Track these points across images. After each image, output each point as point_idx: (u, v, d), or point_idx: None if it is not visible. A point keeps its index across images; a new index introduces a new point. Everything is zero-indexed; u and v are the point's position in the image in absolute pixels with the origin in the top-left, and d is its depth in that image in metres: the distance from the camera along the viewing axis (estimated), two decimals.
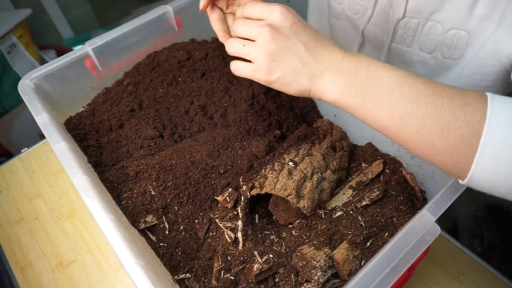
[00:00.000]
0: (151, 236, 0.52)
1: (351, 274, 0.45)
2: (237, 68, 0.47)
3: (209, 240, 0.52)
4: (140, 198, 0.53)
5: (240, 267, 0.49)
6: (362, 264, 0.45)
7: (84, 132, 0.62)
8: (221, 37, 0.53)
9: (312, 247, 0.48)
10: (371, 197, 0.51)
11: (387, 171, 0.56)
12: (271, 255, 0.49)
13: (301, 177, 0.50)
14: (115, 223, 0.43)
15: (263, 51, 0.44)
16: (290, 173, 0.51)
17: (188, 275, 0.50)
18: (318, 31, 0.46)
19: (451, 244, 0.62)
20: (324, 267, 0.45)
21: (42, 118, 0.54)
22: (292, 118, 0.65)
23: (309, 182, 0.51)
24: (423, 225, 0.41)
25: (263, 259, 0.49)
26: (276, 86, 0.46)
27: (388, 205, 0.51)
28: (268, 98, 0.63)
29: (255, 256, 0.49)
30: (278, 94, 0.66)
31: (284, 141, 0.59)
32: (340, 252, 0.46)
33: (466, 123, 0.36)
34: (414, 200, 0.54)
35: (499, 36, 0.55)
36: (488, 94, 0.37)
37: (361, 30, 0.70)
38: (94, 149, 0.60)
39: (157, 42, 0.72)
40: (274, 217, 0.53)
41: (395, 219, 0.50)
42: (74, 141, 0.60)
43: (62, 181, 0.75)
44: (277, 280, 0.48)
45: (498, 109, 0.35)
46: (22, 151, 0.82)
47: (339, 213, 0.52)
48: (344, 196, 0.54)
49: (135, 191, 0.54)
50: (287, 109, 0.65)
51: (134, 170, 0.55)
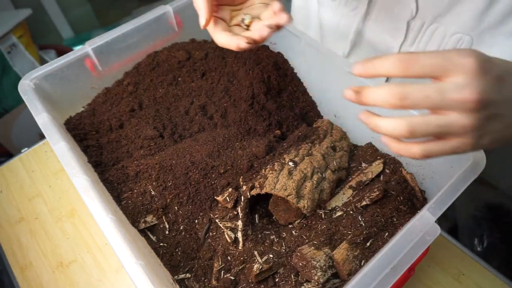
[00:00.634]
0: (151, 236, 0.52)
1: (351, 274, 0.45)
2: (425, 152, 0.34)
3: (209, 240, 0.52)
4: (140, 198, 0.53)
5: (240, 267, 0.49)
6: (362, 264, 0.46)
7: (84, 132, 0.62)
8: (236, 44, 0.46)
9: (312, 247, 0.48)
10: (371, 197, 0.51)
11: (387, 171, 0.56)
12: (271, 255, 0.49)
13: (301, 177, 0.50)
14: (115, 223, 0.43)
15: (468, 127, 0.32)
16: (290, 173, 0.51)
17: (188, 275, 0.50)
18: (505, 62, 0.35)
19: (451, 244, 0.62)
20: (324, 267, 0.45)
21: (42, 118, 0.54)
22: (292, 118, 0.65)
23: (309, 182, 0.51)
24: (423, 225, 0.41)
25: (263, 259, 0.49)
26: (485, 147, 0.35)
27: (388, 205, 0.51)
28: (268, 98, 0.64)
29: (255, 256, 0.49)
30: (278, 94, 0.66)
31: (284, 141, 0.59)
32: (340, 252, 0.46)
33: None
34: (414, 200, 0.54)
35: (507, 48, 0.54)
36: None
37: (354, 29, 0.68)
38: (94, 149, 0.60)
39: (157, 42, 0.72)
40: (274, 217, 0.53)
41: (395, 219, 0.50)
42: (74, 141, 0.60)
43: (62, 181, 0.75)
44: (277, 280, 0.48)
45: None
46: (22, 151, 0.82)
47: (339, 213, 0.52)
48: (344, 196, 0.54)
49: (135, 191, 0.54)
50: (287, 109, 0.65)
51: (134, 170, 0.55)
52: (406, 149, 0.35)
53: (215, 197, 0.53)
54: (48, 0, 1.93)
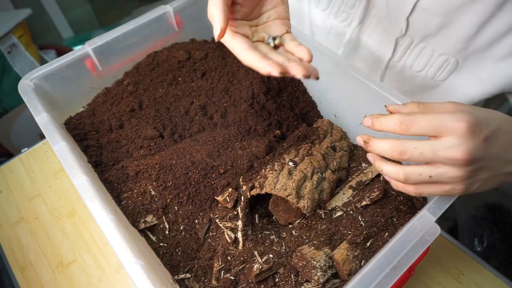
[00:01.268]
0: (151, 236, 0.52)
1: (351, 274, 0.45)
2: (423, 193, 0.40)
3: (209, 240, 0.52)
4: (140, 198, 0.53)
5: (240, 267, 0.49)
6: (362, 264, 0.45)
7: (84, 132, 0.62)
8: (267, 71, 0.40)
9: (312, 247, 0.48)
10: (371, 197, 0.51)
11: None
12: (271, 255, 0.49)
13: (301, 177, 0.50)
14: (115, 223, 0.43)
15: (457, 178, 0.38)
16: (290, 173, 0.51)
17: (188, 275, 0.50)
18: (493, 115, 0.40)
19: (451, 244, 0.62)
20: (324, 267, 0.45)
21: (42, 118, 0.54)
22: (292, 118, 0.65)
23: (309, 182, 0.51)
24: (423, 225, 0.41)
25: (263, 259, 0.49)
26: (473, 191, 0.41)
27: (388, 205, 0.51)
28: (268, 98, 0.63)
29: (255, 256, 0.49)
30: (278, 94, 0.66)
31: (284, 141, 0.59)
32: (340, 252, 0.46)
33: None
34: (414, 200, 0.54)
35: (496, 71, 0.56)
36: None
37: (347, 40, 0.69)
38: (94, 149, 0.60)
39: (157, 42, 0.72)
40: (274, 217, 0.53)
41: (395, 219, 0.50)
42: (74, 141, 0.60)
43: (62, 181, 0.75)
44: (277, 280, 0.48)
45: None
46: (22, 151, 0.82)
47: (339, 213, 0.52)
48: (344, 196, 0.54)
49: (135, 191, 0.54)
50: (287, 109, 0.65)
51: (134, 170, 0.55)
52: (403, 187, 0.41)
53: (215, 197, 0.53)
54: (48, 0, 1.93)
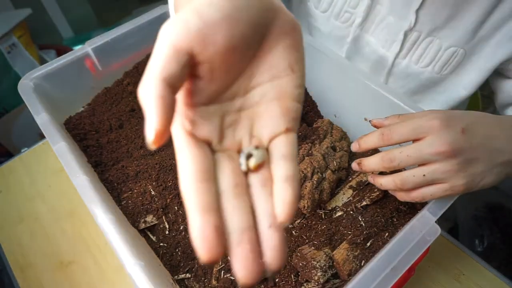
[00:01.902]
0: (151, 236, 0.52)
1: (351, 274, 0.45)
2: (425, 195, 0.42)
3: None
4: (140, 198, 0.53)
5: None
6: (362, 264, 0.45)
7: (84, 132, 0.62)
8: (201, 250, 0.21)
9: (312, 247, 0.48)
10: (371, 197, 0.51)
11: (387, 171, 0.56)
12: None
13: (301, 177, 0.50)
14: (115, 223, 0.43)
15: (449, 172, 0.39)
16: None
17: (188, 275, 0.50)
18: (471, 112, 0.42)
19: (451, 244, 0.62)
20: (324, 267, 0.45)
21: (42, 118, 0.54)
22: None
23: (309, 182, 0.51)
24: (423, 225, 0.41)
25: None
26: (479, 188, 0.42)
27: (388, 205, 0.51)
28: None
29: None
30: None
31: None
32: (340, 252, 0.46)
33: None
34: None
35: (494, 58, 0.58)
36: None
37: (349, 40, 0.67)
38: (94, 149, 0.60)
39: None
40: None
41: (395, 219, 0.50)
42: (74, 141, 0.60)
43: (62, 181, 0.75)
44: (277, 280, 0.48)
45: None
46: (22, 151, 0.81)
47: (339, 213, 0.52)
48: (344, 196, 0.54)
49: (135, 191, 0.54)
50: None
51: (134, 170, 0.55)
52: (406, 196, 0.43)
53: None
54: (48, 0, 1.93)
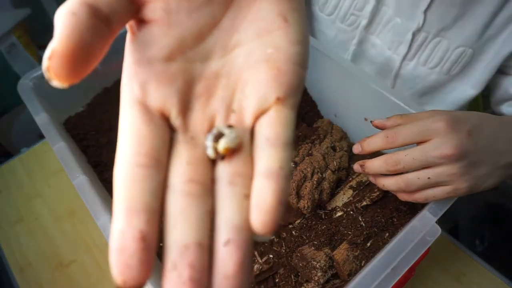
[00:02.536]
0: None
1: (351, 274, 0.45)
2: (429, 197, 0.42)
3: None
4: None
5: None
6: (362, 264, 0.45)
7: (83, 132, 0.62)
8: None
9: (312, 248, 0.47)
10: (371, 197, 0.51)
11: None
12: (271, 255, 0.49)
13: (301, 177, 0.50)
14: None
15: (454, 175, 0.39)
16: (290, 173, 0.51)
17: None
18: (475, 113, 0.41)
19: (451, 244, 0.62)
20: (324, 267, 0.45)
21: (42, 118, 0.54)
22: None
23: (309, 182, 0.51)
24: (424, 226, 0.41)
25: (263, 259, 0.49)
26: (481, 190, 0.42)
27: (388, 205, 0.51)
28: None
29: (255, 257, 0.49)
30: None
31: None
32: (340, 253, 0.46)
33: None
34: None
35: (498, 56, 0.57)
36: None
37: (354, 43, 0.67)
38: (94, 149, 0.60)
39: None
40: None
41: (395, 220, 0.50)
42: (74, 141, 0.60)
43: (61, 181, 0.75)
44: (277, 280, 0.48)
45: None
46: (22, 151, 0.81)
47: (339, 213, 0.52)
48: (344, 196, 0.54)
49: None
50: None
51: None
52: (409, 197, 0.43)
53: None
54: (48, 0, 1.93)
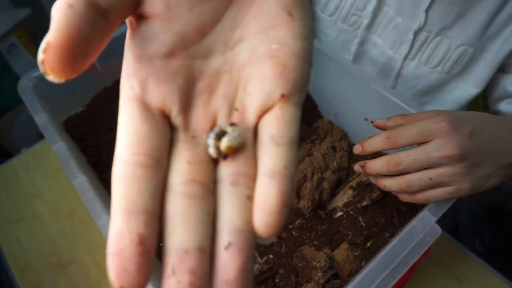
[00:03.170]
0: None
1: (352, 274, 0.44)
2: (430, 198, 0.42)
3: None
4: None
5: None
6: (362, 264, 0.45)
7: (83, 132, 0.62)
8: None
9: (312, 248, 0.47)
10: (371, 197, 0.51)
11: None
12: (271, 256, 0.49)
13: (301, 177, 0.50)
14: None
15: (456, 176, 0.39)
16: None
17: None
18: (474, 113, 0.42)
19: (452, 244, 0.62)
20: (325, 267, 0.45)
21: (41, 118, 0.54)
22: None
23: (309, 182, 0.51)
24: (424, 226, 0.41)
25: (263, 260, 0.48)
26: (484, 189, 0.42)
27: (388, 205, 0.51)
28: None
29: (255, 257, 0.49)
30: None
31: None
32: (341, 253, 0.45)
33: None
34: None
35: (500, 55, 0.57)
36: None
37: (356, 43, 0.66)
38: (94, 149, 0.60)
39: None
40: None
41: (395, 220, 0.50)
42: (74, 141, 0.60)
43: (61, 181, 0.75)
44: (277, 280, 0.48)
45: None
46: (22, 151, 0.81)
47: (339, 214, 0.52)
48: (345, 196, 0.54)
49: None
50: None
51: None
52: (410, 198, 0.43)
53: None
54: (48, 0, 1.93)
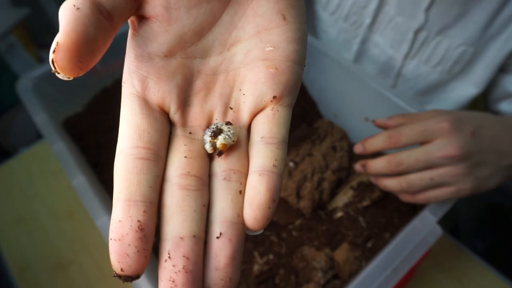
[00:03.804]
0: None
1: (352, 275, 0.44)
2: (431, 198, 0.42)
3: None
4: None
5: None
6: (363, 265, 0.45)
7: (82, 132, 0.62)
8: None
9: (313, 248, 0.47)
10: (372, 197, 0.51)
11: None
12: (271, 256, 0.49)
13: (301, 177, 0.50)
14: None
15: (458, 176, 0.39)
16: (290, 173, 0.51)
17: None
18: (476, 114, 0.42)
19: (452, 245, 0.62)
20: (325, 268, 0.45)
21: (41, 118, 0.54)
22: (292, 118, 0.64)
23: (309, 182, 0.50)
24: (424, 226, 0.41)
25: (263, 260, 0.48)
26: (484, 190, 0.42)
27: (388, 206, 0.51)
28: None
29: (255, 257, 0.49)
30: None
31: None
32: (341, 253, 0.45)
33: None
34: None
35: (500, 55, 0.56)
36: None
37: (357, 42, 0.66)
38: (93, 149, 0.60)
39: None
40: (274, 218, 0.53)
41: (396, 220, 0.49)
42: (73, 141, 0.60)
43: (60, 181, 0.75)
44: (277, 281, 0.48)
45: None
46: (21, 151, 0.81)
47: (339, 214, 0.51)
48: (345, 196, 0.53)
49: None
50: None
51: None
52: (411, 198, 0.43)
53: None
54: (47, 0, 1.92)
